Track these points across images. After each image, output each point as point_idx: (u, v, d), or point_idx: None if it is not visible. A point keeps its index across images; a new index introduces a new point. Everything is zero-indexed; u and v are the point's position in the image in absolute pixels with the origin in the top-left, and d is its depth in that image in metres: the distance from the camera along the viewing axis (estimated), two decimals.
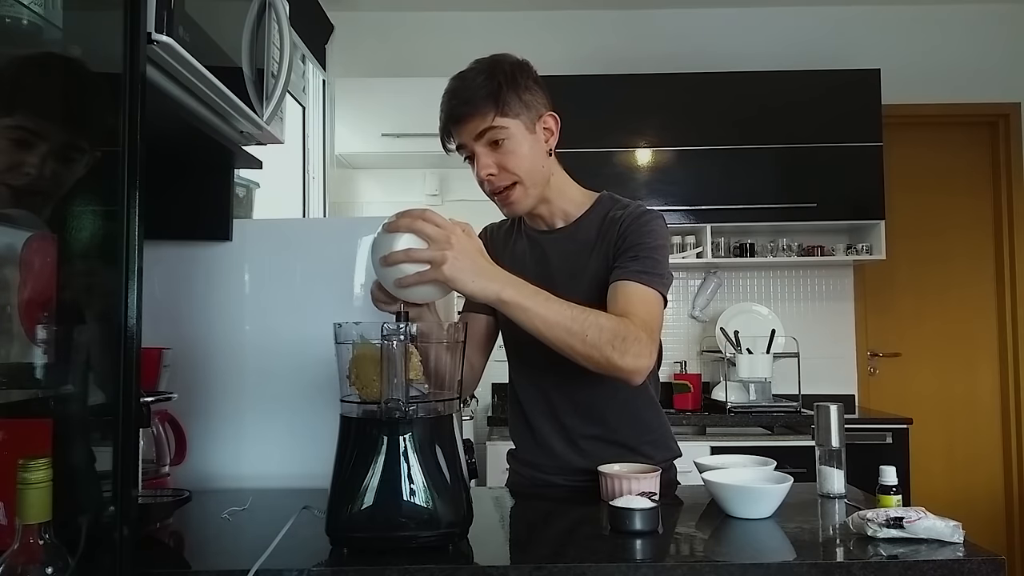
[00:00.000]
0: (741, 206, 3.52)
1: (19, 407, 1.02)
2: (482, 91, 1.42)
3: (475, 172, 1.48)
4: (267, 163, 1.81)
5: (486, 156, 1.45)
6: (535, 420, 1.57)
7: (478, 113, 1.42)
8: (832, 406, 1.47)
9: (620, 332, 1.29)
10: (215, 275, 1.71)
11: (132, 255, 0.86)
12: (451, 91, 1.46)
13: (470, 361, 1.60)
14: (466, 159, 1.49)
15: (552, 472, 1.55)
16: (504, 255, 1.58)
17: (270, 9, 1.50)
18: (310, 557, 1.07)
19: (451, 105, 1.45)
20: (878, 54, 3.74)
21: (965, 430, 3.85)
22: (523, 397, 1.59)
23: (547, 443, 1.56)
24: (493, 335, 1.66)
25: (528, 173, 1.46)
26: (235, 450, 1.67)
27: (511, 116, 1.43)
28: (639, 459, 1.48)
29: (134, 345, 0.87)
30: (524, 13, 3.86)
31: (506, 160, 1.44)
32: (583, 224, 1.53)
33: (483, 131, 1.43)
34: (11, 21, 0.95)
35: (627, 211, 1.50)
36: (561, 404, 1.54)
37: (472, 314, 1.64)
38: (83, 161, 1.04)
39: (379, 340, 1.11)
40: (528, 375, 1.58)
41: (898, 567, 1.04)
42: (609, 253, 1.47)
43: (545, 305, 1.27)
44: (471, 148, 1.46)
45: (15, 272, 1.05)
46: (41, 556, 0.76)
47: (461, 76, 1.47)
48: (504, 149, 1.44)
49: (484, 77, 1.43)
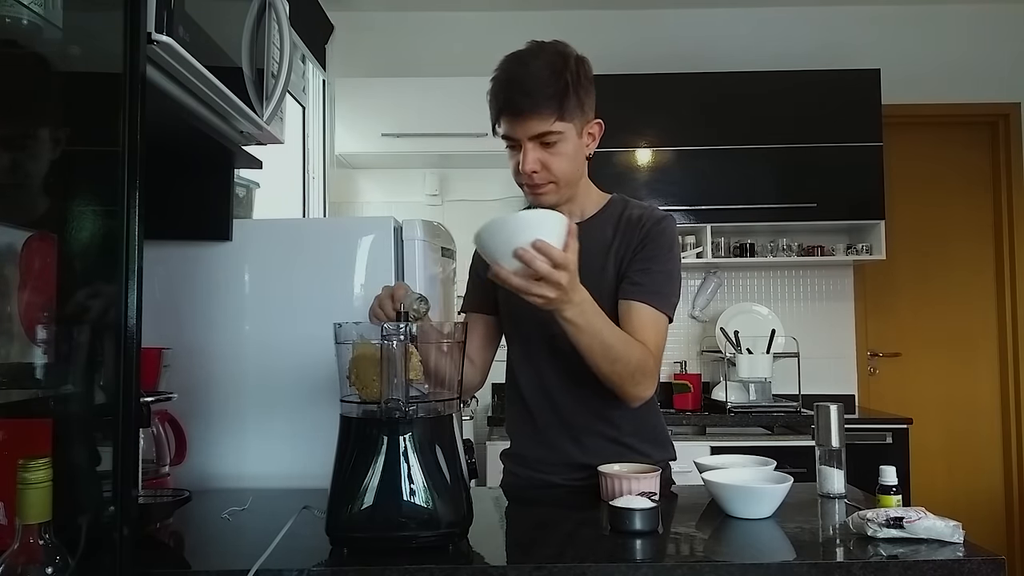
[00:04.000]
0: (741, 206, 3.52)
1: (19, 407, 1.02)
2: (548, 90, 1.37)
3: (516, 161, 1.44)
4: (267, 163, 1.81)
5: (534, 152, 1.41)
6: (538, 416, 1.55)
7: (540, 114, 1.38)
8: (832, 406, 1.47)
9: (641, 366, 1.38)
10: (215, 275, 1.71)
11: (132, 255, 0.86)
12: (512, 80, 1.39)
13: (472, 360, 1.59)
14: (508, 146, 1.46)
15: (550, 470, 1.54)
16: None
17: (270, 9, 1.50)
18: (310, 557, 1.07)
19: (510, 96, 1.39)
20: (878, 54, 3.73)
21: (965, 430, 3.85)
22: (526, 392, 1.57)
23: (548, 437, 1.54)
24: (496, 335, 1.65)
25: (566, 175, 1.45)
26: (235, 450, 1.67)
27: (567, 120, 1.40)
28: (639, 458, 1.48)
29: (134, 345, 0.87)
30: (524, 13, 3.86)
31: (551, 161, 1.42)
32: (597, 222, 1.53)
33: (543, 133, 1.40)
34: (11, 21, 0.95)
35: (646, 213, 1.51)
36: (566, 400, 1.53)
37: (474, 314, 1.64)
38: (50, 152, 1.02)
39: (379, 340, 1.11)
40: (533, 371, 1.56)
41: (898, 567, 1.04)
42: (627, 256, 1.48)
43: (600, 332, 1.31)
44: (520, 141, 1.42)
45: (15, 272, 1.05)
46: (41, 556, 0.76)
47: (522, 62, 1.40)
48: (553, 150, 1.42)
49: (550, 73, 1.38)
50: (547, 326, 1.41)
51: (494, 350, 1.66)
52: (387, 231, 1.72)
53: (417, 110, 3.50)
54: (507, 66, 1.42)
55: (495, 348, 1.66)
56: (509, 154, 1.46)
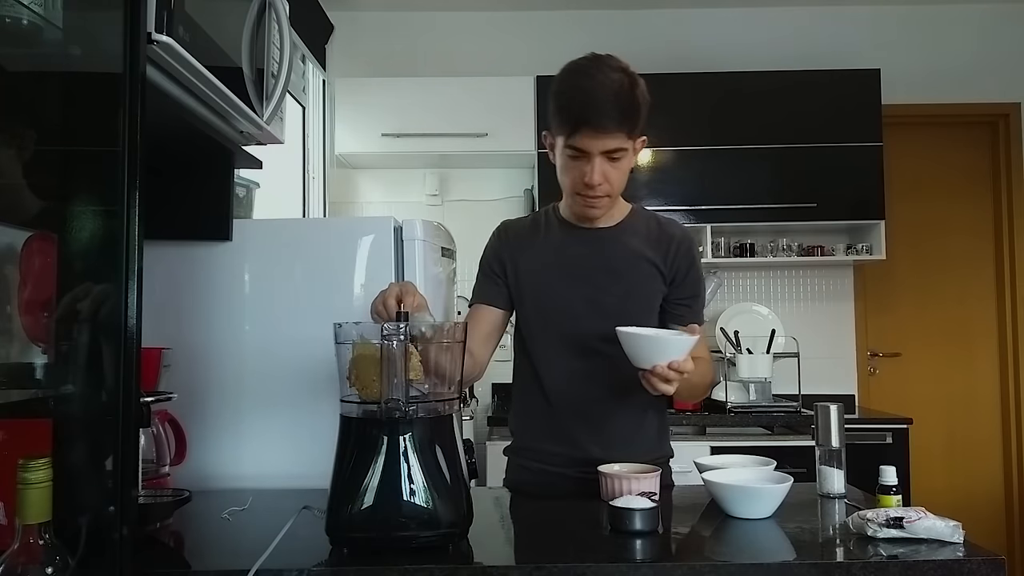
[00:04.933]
0: (741, 206, 3.52)
1: (19, 407, 1.03)
2: (630, 110, 1.45)
3: (579, 171, 1.49)
4: (267, 163, 1.82)
5: (602, 165, 1.48)
6: (560, 412, 1.58)
7: (617, 133, 1.45)
8: (832, 406, 1.47)
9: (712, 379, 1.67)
10: (215, 275, 1.71)
11: (132, 255, 0.86)
12: (595, 97, 1.44)
13: (472, 352, 1.59)
14: (572, 157, 1.49)
15: (564, 464, 1.55)
16: (533, 246, 1.63)
17: (270, 9, 1.50)
18: (310, 557, 1.07)
19: (591, 111, 1.43)
20: (878, 54, 3.73)
21: (965, 430, 3.84)
22: (549, 389, 1.59)
23: (570, 434, 1.57)
24: (500, 328, 1.67)
25: (619, 188, 1.54)
26: (235, 450, 1.67)
27: (633, 138, 1.50)
28: (658, 453, 1.58)
29: (134, 345, 0.87)
30: (524, 13, 3.85)
31: (612, 174, 1.50)
32: (625, 228, 1.62)
33: (614, 149, 1.47)
34: (11, 21, 0.95)
35: (678, 232, 1.63)
36: (590, 399, 1.57)
37: (482, 305, 1.65)
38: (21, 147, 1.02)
39: (379, 340, 1.12)
40: (559, 368, 1.58)
41: (898, 567, 1.04)
42: (664, 270, 1.59)
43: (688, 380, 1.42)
44: (591, 154, 1.47)
45: (15, 272, 1.05)
46: (41, 556, 0.76)
47: (601, 80, 1.45)
48: (616, 164, 1.50)
49: (629, 92, 1.45)
50: (579, 326, 1.54)
51: (495, 345, 1.67)
52: (387, 231, 1.72)
53: (417, 110, 3.50)
54: (580, 81, 1.46)
55: (496, 343, 1.67)
56: (569, 164, 1.51)
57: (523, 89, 3.50)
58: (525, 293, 1.61)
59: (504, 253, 1.64)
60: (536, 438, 1.62)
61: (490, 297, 1.64)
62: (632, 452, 1.51)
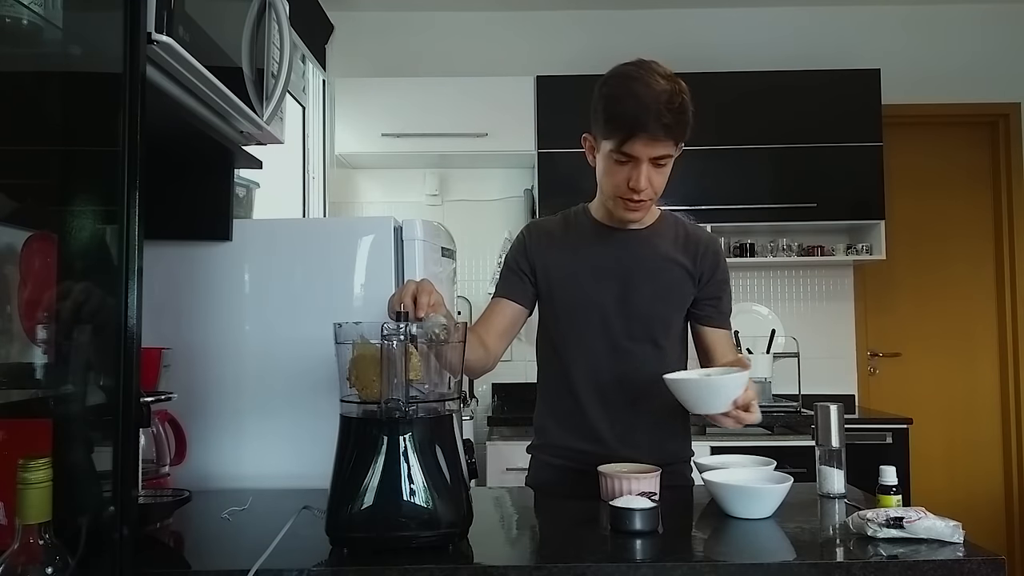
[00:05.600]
0: (741, 206, 3.52)
1: (19, 407, 1.03)
2: (681, 121, 1.47)
3: (625, 176, 1.50)
4: (267, 163, 1.81)
5: (649, 170, 1.50)
6: (589, 409, 1.59)
7: (668, 141, 1.47)
8: (832, 406, 1.47)
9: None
10: (215, 275, 1.71)
11: (132, 255, 0.86)
12: (650, 106, 1.44)
13: (487, 344, 1.60)
14: (617, 161, 1.50)
15: (590, 462, 1.54)
16: (563, 245, 1.64)
17: (270, 9, 1.50)
18: (310, 557, 1.07)
19: (648, 119, 1.44)
20: (878, 54, 3.73)
21: (965, 430, 3.84)
22: (579, 386, 1.60)
23: (598, 431, 1.58)
24: (518, 324, 1.67)
25: (660, 193, 1.56)
26: (235, 450, 1.67)
27: (678, 145, 1.52)
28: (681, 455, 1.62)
29: (134, 345, 0.87)
30: (524, 13, 3.85)
31: (656, 179, 1.52)
32: (656, 231, 1.65)
33: (662, 156, 1.48)
34: (11, 21, 0.95)
35: (705, 236, 1.68)
36: (620, 397, 1.59)
37: (503, 300, 1.65)
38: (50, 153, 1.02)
39: (379, 340, 1.12)
40: (590, 366, 1.60)
41: (898, 567, 1.04)
42: (693, 272, 1.62)
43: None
44: (641, 159, 1.48)
45: (15, 272, 1.05)
46: (41, 556, 0.76)
47: (655, 88, 1.45)
48: (660, 170, 1.52)
49: (679, 104, 1.46)
50: (610, 325, 1.57)
51: (509, 341, 1.67)
52: (387, 231, 1.72)
53: (417, 110, 3.50)
54: (635, 88, 1.46)
55: (510, 339, 1.68)
56: (614, 168, 1.51)
57: (523, 89, 3.50)
58: (555, 292, 1.63)
59: (532, 253, 1.65)
60: (563, 436, 1.63)
61: (513, 293, 1.65)
62: (660, 452, 1.53)
